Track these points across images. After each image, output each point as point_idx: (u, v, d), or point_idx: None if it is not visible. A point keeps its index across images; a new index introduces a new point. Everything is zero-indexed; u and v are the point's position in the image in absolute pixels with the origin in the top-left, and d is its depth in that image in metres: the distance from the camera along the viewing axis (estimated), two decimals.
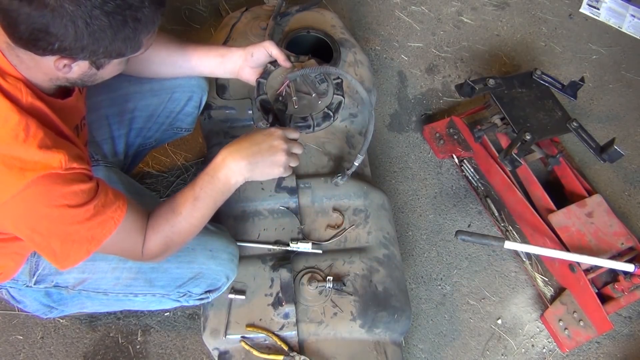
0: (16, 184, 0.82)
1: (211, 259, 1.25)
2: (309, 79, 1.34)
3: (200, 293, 1.29)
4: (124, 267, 1.20)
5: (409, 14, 2.45)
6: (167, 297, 1.29)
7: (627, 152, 2.11)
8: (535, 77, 1.87)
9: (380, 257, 1.45)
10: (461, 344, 1.72)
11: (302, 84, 1.36)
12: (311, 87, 1.34)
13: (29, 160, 0.82)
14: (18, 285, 1.18)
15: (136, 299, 1.27)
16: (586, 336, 1.68)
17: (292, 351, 1.30)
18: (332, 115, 1.28)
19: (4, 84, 0.85)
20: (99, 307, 1.35)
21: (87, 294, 1.23)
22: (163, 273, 1.23)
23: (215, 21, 2.27)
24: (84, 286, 1.21)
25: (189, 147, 1.97)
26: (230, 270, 1.30)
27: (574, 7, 2.60)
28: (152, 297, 1.27)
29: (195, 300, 1.31)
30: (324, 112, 1.27)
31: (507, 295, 1.82)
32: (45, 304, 1.28)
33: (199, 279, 1.26)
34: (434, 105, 2.21)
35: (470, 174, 1.98)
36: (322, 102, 1.37)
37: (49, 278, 1.18)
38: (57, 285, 1.19)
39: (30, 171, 0.82)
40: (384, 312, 1.36)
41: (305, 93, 1.32)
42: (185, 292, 1.28)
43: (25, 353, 1.57)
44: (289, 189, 1.50)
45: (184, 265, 1.24)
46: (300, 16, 1.75)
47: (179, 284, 1.25)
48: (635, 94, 2.36)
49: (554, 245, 1.68)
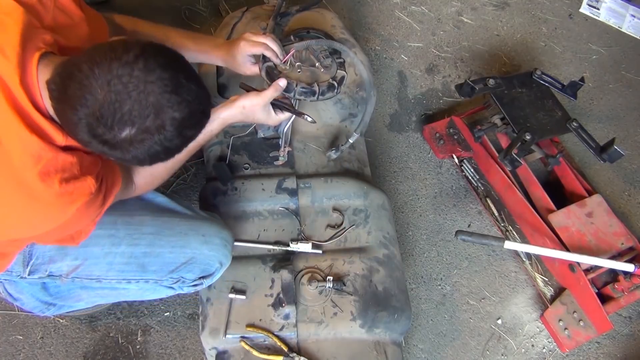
0: (65, 214, 0.94)
1: (204, 244, 1.26)
2: (315, 52, 1.35)
3: (194, 279, 1.29)
4: (116, 252, 1.20)
5: (409, 14, 2.45)
6: (160, 284, 1.28)
7: (627, 152, 2.11)
8: (535, 77, 1.87)
9: (380, 257, 1.45)
10: (461, 344, 1.72)
11: (307, 58, 1.36)
12: (316, 59, 1.34)
13: (73, 191, 0.92)
14: (12, 277, 1.18)
15: (130, 287, 1.27)
16: (586, 336, 1.68)
17: (292, 352, 1.30)
18: (337, 87, 1.29)
19: (43, 125, 0.89)
20: (95, 299, 1.35)
21: (80, 282, 1.23)
22: (156, 258, 1.23)
23: (215, 21, 2.26)
24: (77, 273, 1.20)
25: None
26: (223, 256, 1.30)
27: (574, 7, 2.60)
28: (145, 284, 1.27)
29: (189, 287, 1.31)
30: (328, 82, 1.28)
31: (507, 295, 1.82)
32: (43, 300, 1.28)
33: (191, 264, 1.26)
34: (434, 105, 2.21)
35: (470, 174, 1.98)
36: (326, 75, 1.36)
37: (43, 267, 1.18)
38: (51, 274, 1.19)
39: (75, 202, 0.93)
40: (384, 312, 1.36)
41: (311, 65, 1.33)
42: (179, 277, 1.27)
43: (25, 353, 1.57)
44: (289, 190, 1.50)
45: (176, 250, 1.24)
46: (300, 16, 1.75)
47: (172, 268, 1.25)
48: (635, 94, 2.36)
49: (554, 245, 1.68)
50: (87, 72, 0.81)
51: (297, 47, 1.31)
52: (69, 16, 1.02)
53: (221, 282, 1.37)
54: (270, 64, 1.28)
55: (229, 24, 1.75)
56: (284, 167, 1.57)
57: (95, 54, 0.83)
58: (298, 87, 1.25)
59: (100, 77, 0.81)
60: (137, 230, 1.21)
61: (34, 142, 0.87)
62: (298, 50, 1.32)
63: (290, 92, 1.26)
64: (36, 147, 0.87)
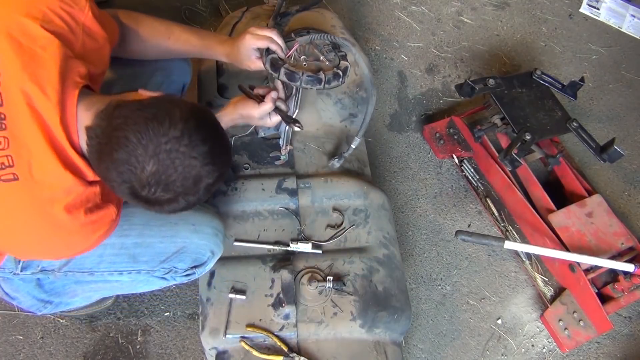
0: (88, 241, 1.01)
1: (194, 232, 1.26)
2: (318, 47, 1.35)
3: (186, 268, 1.29)
4: (106, 244, 1.18)
5: (409, 14, 2.45)
6: (152, 274, 1.28)
7: (627, 152, 2.11)
8: (535, 77, 1.87)
9: (380, 257, 1.45)
10: (461, 344, 1.72)
11: (311, 52, 1.36)
12: (320, 54, 1.35)
13: (97, 220, 0.99)
14: (5, 273, 1.18)
15: (122, 278, 1.27)
16: (586, 336, 1.68)
17: (292, 352, 1.30)
18: (342, 76, 1.30)
19: (77, 162, 0.95)
20: (89, 293, 1.35)
21: (73, 276, 1.23)
22: (146, 248, 1.24)
23: (215, 21, 2.26)
24: (70, 267, 1.21)
25: None
26: (215, 245, 1.30)
27: (574, 7, 2.60)
28: (137, 275, 1.27)
29: (182, 277, 1.31)
30: (334, 71, 1.28)
31: (507, 295, 1.82)
32: (39, 298, 1.28)
33: (183, 254, 1.26)
34: (434, 105, 2.21)
35: (470, 174, 1.98)
36: (331, 67, 1.37)
37: (35, 262, 1.18)
38: (44, 269, 1.20)
39: (98, 231, 1.00)
40: (384, 312, 1.36)
41: (316, 59, 1.33)
42: (171, 267, 1.28)
43: (25, 353, 1.57)
44: (289, 190, 1.50)
45: (167, 239, 1.24)
46: (300, 16, 1.75)
47: (163, 258, 1.25)
48: (635, 94, 2.36)
49: (554, 245, 1.68)
50: (135, 143, 0.87)
51: (301, 42, 1.32)
52: (95, 40, 1.05)
53: (221, 282, 1.37)
54: (275, 56, 1.28)
55: (229, 24, 1.75)
56: (284, 167, 1.57)
57: (141, 123, 0.88)
58: (304, 76, 1.25)
59: (148, 150, 0.88)
60: (127, 221, 1.20)
61: (68, 179, 0.93)
62: (302, 44, 1.32)
63: (296, 81, 1.26)
64: (69, 183, 0.93)
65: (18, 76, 0.90)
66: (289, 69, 1.26)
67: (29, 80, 0.90)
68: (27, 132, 0.90)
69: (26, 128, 0.90)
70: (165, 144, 0.88)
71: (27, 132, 0.90)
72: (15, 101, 0.90)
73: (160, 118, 0.89)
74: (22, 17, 0.94)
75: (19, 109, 0.90)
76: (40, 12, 0.96)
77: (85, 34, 1.02)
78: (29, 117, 0.90)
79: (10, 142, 0.89)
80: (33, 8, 0.96)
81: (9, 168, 0.90)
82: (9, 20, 0.93)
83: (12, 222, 0.95)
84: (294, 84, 1.27)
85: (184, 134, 0.90)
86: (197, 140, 0.91)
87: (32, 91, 0.90)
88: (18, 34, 0.92)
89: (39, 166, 0.91)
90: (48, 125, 0.91)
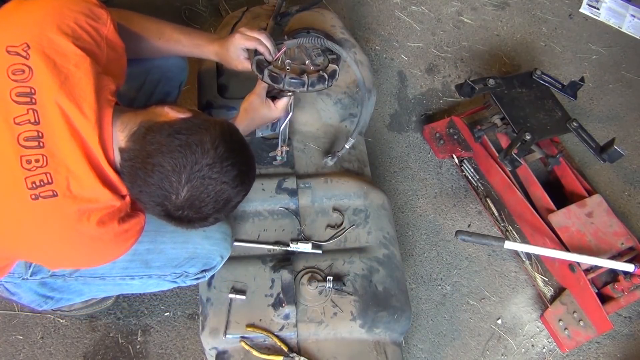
0: (121, 249, 1.05)
1: (205, 238, 1.27)
2: (307, 50, 1.35)
3: (196, 272, 1.30)
4: None
5: (409, 14, 2.45)
6: (164, 279, 1.30)
7: (627, 152, 2.11)
8: (535, 77, 1.87)
9: (380, 257, 1.45)
10: (461, 344, 1.72)
11: (298, 56, 1.36)
12: (307, 58, 1.35)
13: (129, 228, 1.02)
14: (14, 278, 1.18)
15: (133, 282, 1.28)
16: (586, 336, 1.68)
17: (292, 352, 1.30)
18: (327, 79, 1.29)
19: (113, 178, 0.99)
20: (97, 293, 1.36)
21: (84, 280, 1.24)
22: (159, 254, 1.24)
23: (215, 21, 2.26)
24: (81, 272, 1.21)
25: None
26: (224, 249, 1.32)
27: (574, 7, 2.60)
28: (149, 279, 1.28)
29: (191, 280, 1.33)
30: (318, 74, 1.28)
31: (507, 295, 1.82)
32: (41, 294, 1.27)
33: (194, 259, 1.27)
34: (434, 105, 2.21)
35: (470, 174, 1.98)
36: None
37: (45, 269, 1.18)
38: (54, 274, 1.20)
39: (130, 239, 1.04)
40: (384, 312, 1.36)
41: (302, 63, 1.34)
42: (182, 272, 1.29)
43: (25, 353, 1.57)
44: (289, 190, 1.50)
45: (179, 245, 1.25)
46: (300, 16, 1.75)
47: (175, 264, 1.27)
48: (635, 94, 2.36)
49: (554, 245, 1.68)
50: (169, 171, 0.92)
51: (288, 45, 1.32)
52: (116, 51, 1.06)
53: (221, 282, 1.37)
54: (261, 57, 1.29)
55: (229, 24, 1.75)
56: (284, 167, 1.57)
57: (174, 151, 0.92)
58: (287, 78, 1.26)
59: (182, 178, 0.92)
60: None
61: (106, 195, 0.96)
62: (290, 48, 1.33)
63: (279, 83, 1.27)
64: (107, 198, 0.96)
65: (55, 95, 0.91)
66: (273, 71, 1.26)
67: (66, 99, 0.91)
68: (66, 150, 0.92)
69: (65, 147, 0.92)
70: (199, 172, 0.93)
71: (66, 151, 0.92)
72: (52, 120, 0.91)
73: (192, 146, 0.93)
74: (54, 34, 0.94)
75: (55, 127, 0.91)
76: (70, 28, 0.97)
77: (108, 47, 1.03)
78: (67, 136, 0.92)
79: (49, 159, 0.91)
80: (63, 24, 0.96)
81: (48, 185, 0.91)
82: (42, 38, 0.93)
83: (50, 236, 0.96)
84: (277, 86, 1.28)
85: (216, 162, 0.94)
86: (228, 166, 0.96)
87: (70, 110, 0.92)
88: (51, 52, 0.93)
89: (77, 183, 0.93)
90: (88, 145, 0.93)
